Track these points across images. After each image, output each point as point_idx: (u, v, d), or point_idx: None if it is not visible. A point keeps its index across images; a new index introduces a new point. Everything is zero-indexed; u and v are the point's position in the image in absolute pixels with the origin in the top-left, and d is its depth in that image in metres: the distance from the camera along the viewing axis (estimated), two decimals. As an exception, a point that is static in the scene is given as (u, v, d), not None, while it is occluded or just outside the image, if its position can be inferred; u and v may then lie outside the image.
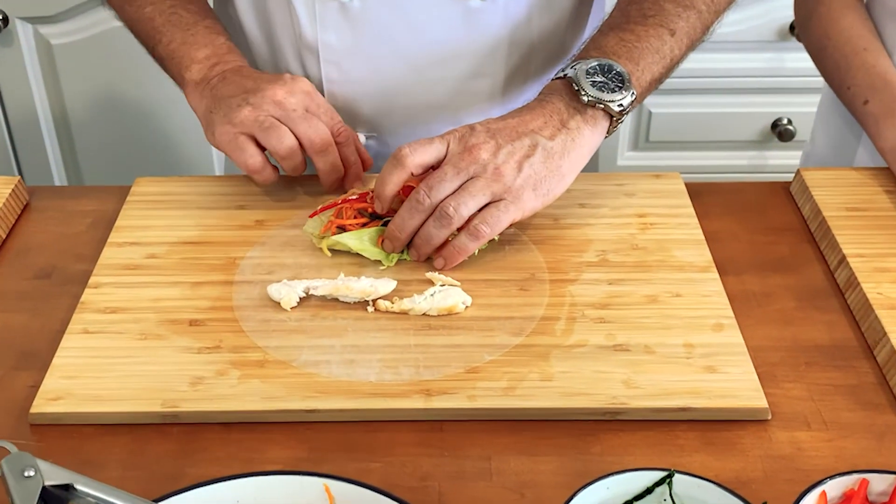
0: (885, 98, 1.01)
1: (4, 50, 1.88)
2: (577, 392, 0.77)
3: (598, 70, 0.89)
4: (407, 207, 0.86)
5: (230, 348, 0.81)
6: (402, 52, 1.04)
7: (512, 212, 0.85)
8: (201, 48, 0.97)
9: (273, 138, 0.88)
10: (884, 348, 0.81)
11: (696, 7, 0.96)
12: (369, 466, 0.73)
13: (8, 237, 0.97)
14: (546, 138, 0.87)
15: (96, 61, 1.89)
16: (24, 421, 0.77)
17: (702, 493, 0.63)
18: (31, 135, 1.98)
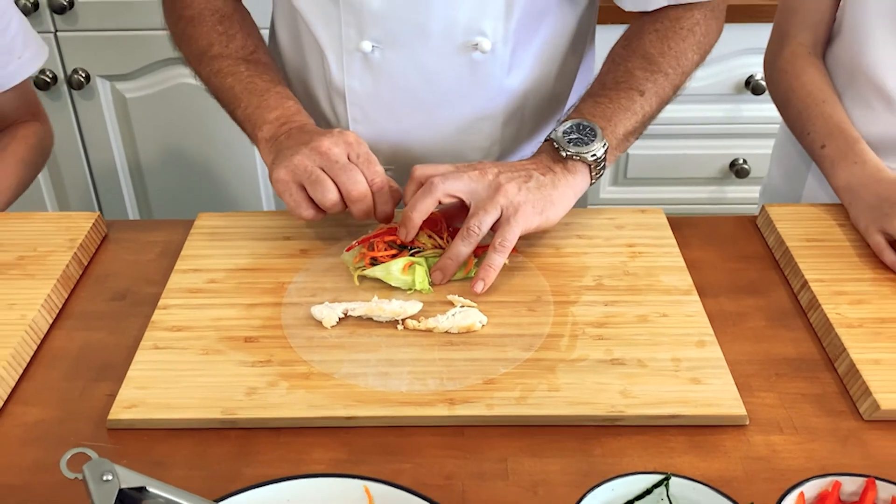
0: (839, 143, 0.98)
1: (86, 103, 1.85)
2: (580, 401, 0.73)
3: (574, 129, 0.89)
4: (461, 242, 0.85)
5: (280, 362, 0.77)
6: (415, 96, 1.02)
7: (519, 224, 0.84)
8: (273, 111, 0.94)
9: (318, 192, 0.84)
10: (843, 362, 0.78)
11: (664, 71, 0.95)
12: (401, 467, 0.70)
13: (89, 264, 0.94)
14: (539, 174, 0.86)
15: (164, 113, 1.86)
16: (103, 426, 0.74)
17: (695, 494, 0.59)
18: (108, 176, 1.95)
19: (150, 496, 0.58)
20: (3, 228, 0.96)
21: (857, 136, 0.98)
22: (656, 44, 0.95)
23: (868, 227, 0.90)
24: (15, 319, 0.82)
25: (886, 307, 0.83)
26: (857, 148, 0.96)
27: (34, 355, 0.81)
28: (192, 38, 1.02)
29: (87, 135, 1.89)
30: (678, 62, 0.95)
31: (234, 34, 1.01)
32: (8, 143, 1.18)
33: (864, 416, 0.74)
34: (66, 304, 0.88)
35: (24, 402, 0.77)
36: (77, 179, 1.95)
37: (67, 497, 0.67)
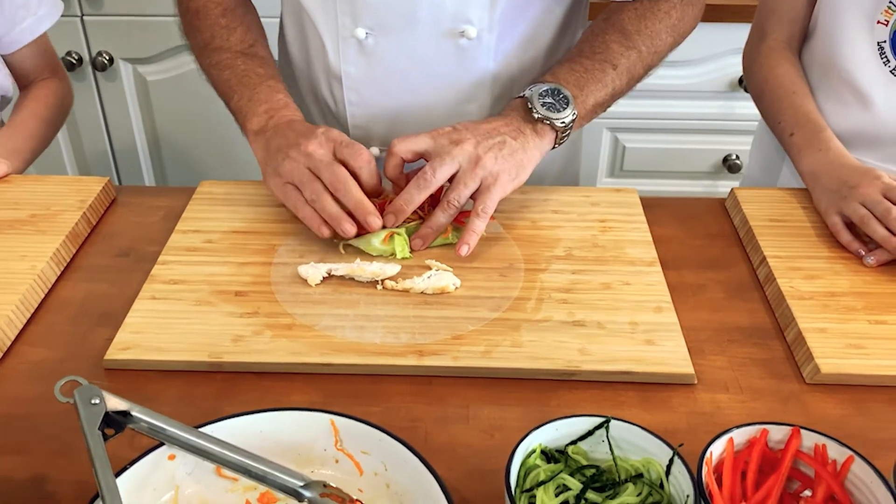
0: (806, 132, 1.00)
1: (109, 84, 1.91)
2: (540, 356, 0.77)
3: (549, 93, 0.91)
4: (414, 185, 0.87)
5: (266, 314, 0.82)
6: (406, 80, 1.05)
7: (497, 191, 0.87)
8: (262, 103, 0.96)
9: (308, 192, 0.87)
10: (792, 330, 0.81)
11: (638, 48, 0.97)
12: (371, 410, 0.73)
13: (97, 224, 0.99)
14: (511, 137, 0.89)
15: (182, 95, 1.91)
16: (100, 366, 0.78)
17: (632, 436, 0.63)
18: (128, 152, 2.00)
19: (133, 420, 0.62)
20: (20, 189, 1.01)
21: (823, 125, 1.01)
22: (634, 21, 0.98)
23: (827, 209, 0.93)
24: (25, 269, 0.86)
25: (837, 282, 0.86)
26: (823, 136, 0.99)
27: (41, 303, 0.86)
28: (196, 30, 1.06)
29: (110, 114, 1.94)
30: (652, 42, 0.97)
31: (235, 28, 1.05)
32: (28, 103, 1.21)
33: (807, 380, 0.77)
34: (73, 259, 0.93)
35: (30, 343, 0.81)
36: (99, 155, 2.00)
37: (63, 425, 0.72)
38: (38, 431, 0.72)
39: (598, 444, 0.64)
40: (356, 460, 0.65)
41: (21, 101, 1.23)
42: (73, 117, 1.94)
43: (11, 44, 1.19)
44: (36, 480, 0.68)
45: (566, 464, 0.63)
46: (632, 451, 0.63)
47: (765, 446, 0.63)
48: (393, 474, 0.63)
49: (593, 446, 0.64)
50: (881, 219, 0.88)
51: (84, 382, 0.63)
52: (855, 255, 0.90)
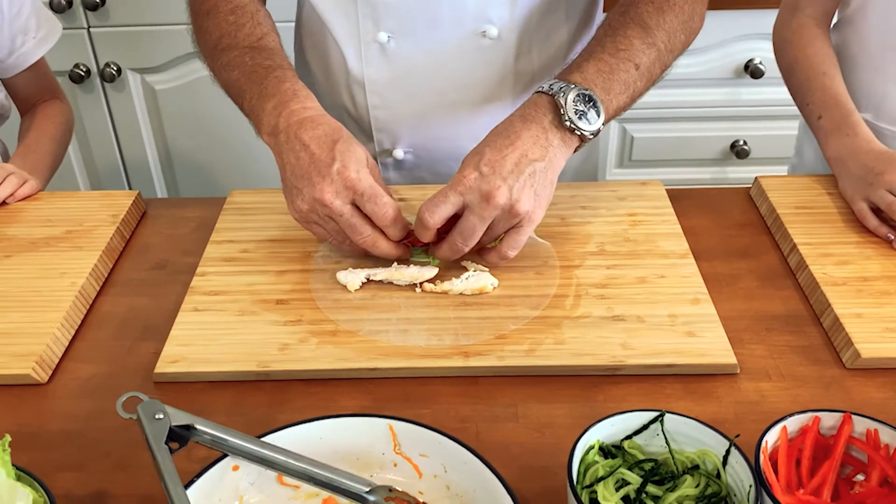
0: (834, 116, 1.00)
1: (118, 95, 1.91)
2: (584, 353, 0.78)
3: (581, 99, 0.84)
4: (450, 251, 0.84)
5: (309, 321, 0.82)
6: (429, 82, 1.05)
7: (529, 230, 0.84)
8: (270, 99, 0.88)
9: (334, 240, 0.87)
10: (828, 316, 0.82)
11: (657, 46, 0.93)
12: (420, 412, 0.74)
13: (130, 238, 0.99)
14: (538, 161, 0.82)
15: (192, 103, 1.91)
16: (149, 380, 0.79)
17: (687, 428, 0.64)
18: (139, 163, 2.00)
19: (197, 434, 0.63)
20: (52, 206, 1.01)
21: (851, 108, 1.00)
22: (654, 15, 0.94)
23: (853, 196, 0.94)
24: (66, 287, 0.87)
25: (869, 267, 0.87)
26: (851, 120, 0.99)
27: (84, 318, 0.87)
28: (206, 31, 1.01)
29: (119, 125, 1.94)
30: (669, 39, 0.95)
31: (243, 24, 0.98)
32: (39, 123, 1.22)
33: (846, 365, 0.78)
34: (111, 274, 0.93)
35: (78, 360, 0.82)
36: (110, 167, 2.00)
37: (118, 440, 0.73)
38: (94, 447, 0.73)
39: (653, 438, 0.65)
40: (415, 463, 0.66)
41: (29, 122, 1.23)
42: (83, 129, 1.94)
43: (11, 68, 1.19)
44: (97, 497, 0.68)
45: (623, 458, 0.64)
46: (686, 444, 0.64)
47: (817, 433, 0.64)
48: (453, 476, 0.64)
49: (648, 440, 0.65)
50: None
51: (145, 398, 0.63)
52: (884, 240, 0.90)
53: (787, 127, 1.93)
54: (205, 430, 0.62)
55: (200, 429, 0.62)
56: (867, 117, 1.07)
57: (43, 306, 0.84)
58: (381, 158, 1.14)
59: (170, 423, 0.62)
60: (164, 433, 0.61)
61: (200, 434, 0.62)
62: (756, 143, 1.96)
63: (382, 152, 1.13)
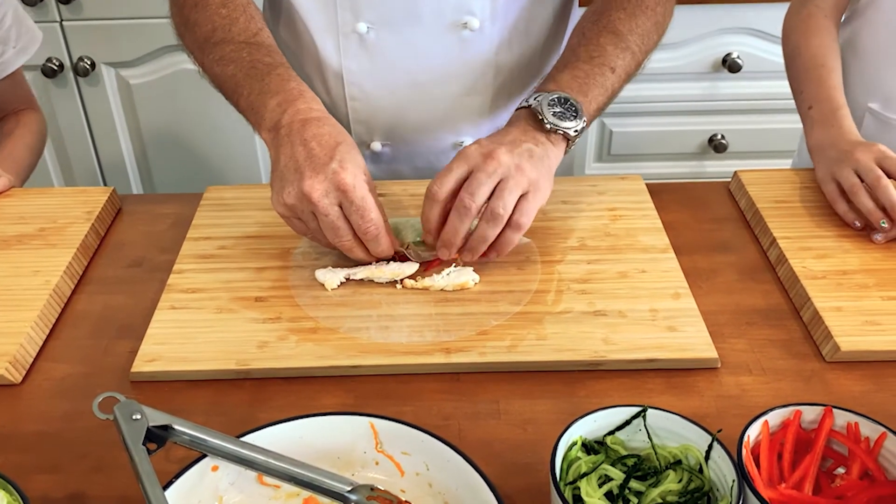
0: (824, 108, 1.01)
1: (92, 89, 1.88)
2: (566, 348, 0.78)
3: (557, 102, 0.86)
4: (456, 216, 0.81)
5: (288, 319, 0.81)
6: (409, 74, 1.04)
7: (539, 199, 0.82)
8: (274, 96, 0.86)
9: (312, 237, 0.85)
10: (808, 310, 0.82)
11: (631, 49, 0.95)
12: (402, 409, 0.74)
13: (106, 235, 0.98)
14: (533, 145, 0.84)
15: (167, 98, 1.89)
16: (126, 379, 0.78)
17: (669, 424, 0.64)
18: (114, 159, 1.98)
19: (175, 434, 0.62)
20: (25, 202, 1.00)
21: (841, 103, 1.01)
22: (625, 21, 0.96)
23: (824, 178, 0.95)
24: (40, 285, 0.86)
25: (848, 260, 0.87)
26: (839, 114, 1.00)
27: (59, 317, 0.85)
28: (195, 24, 0.98)
29: (93, 120, 1.92)
30: (643, 41, 0.97)
31: (236, 17, 0.97)
32: (14, 129, 1.21)
33: (826, 358, 0.78)
34: (86, 271, 0.92)
35: (52, 359, 0.81)
36: (84, 163, 1.98)
37: (95, 441, 0.72)
38: (70, 449, 0.71)
39: (636, 434, 0.65)
40: (397, 461, 0.65)
41: (3, 130, 1.21)
42: (56, 124, 1.91)
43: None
44: (74, 498, 0.67)
45: (606, 454, 0.64)
46: (669, 439, 0.64)
47: (799, 427, 0.64)
48: (435, 474, 0.64)
49: (631, 436, 0.65)
50: (871, 187, 0.90)
51: (122, 398, 0.62)
52: (851, 226, 0.91)
53: (765, 121, 1.95)
54: (183, 431, 0.61)
55: (178, 429, 0.61)
56: (875, 107, 1.09)
57: (16, 305, 0.83)
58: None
59: (147, 424, 0.61)
60: (142, 434, 0.60)
61: (179, 434, 0.62)
62: (734, 137, 1.97)
63: (360, 144, 1.12)
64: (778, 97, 1.89)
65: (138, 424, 0.61)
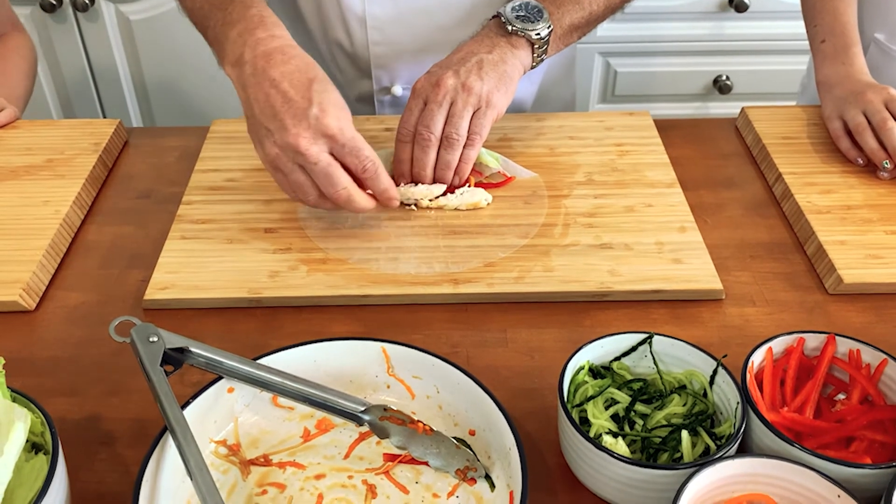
0: (837, 43, 1.00)
1: (91, 25, 1.86)
2: (572, 279, 0.79)
3: (522, 6, 0.88)
4: (419, 149, 0.84)
5: (298, 249, 0.82)
6: (433, 16, 1.04)
7: (491, 114, 0.84)
8: (234, 26, 0.81)
9: (299, 193, 0.79)
10: (812, 244, 0.83)
11: None
12: (412, 338, 0.75)
13: (113, 167, 0.98)
14: (486, 53, 0.85)
15: (167, 34, 1.86)
16: (138, 307, 0.79)
17: (675, 350, 0.65)
18: (115, 96, 1.96)
19: (191, 356, 0.63)
20: (31, 134, 1.00)
21: (855, 39, 1.00)
22: None
23: (831, 114, 0.95)
24: (50, 214, 0.86)
25: (853, 195, 0.88)
26: (851, 51, 0.99)
27: (70, 247, 0.86)
28: None
29: (93, 56, 1.90)
30: None
31: None
32: (9, 56, 1.18)
33: (829, 290, 0.79)
34: (94, 203, 0.92)
35: (65, 288, 0.82)
36: (84, 100, 1.96)
37: (110, 365, 0.73)
38: (85, 373, 0.73)
39: (641, 360, 0.66)
40: (408, 384, 0.67)
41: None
42: (56, 60, 1.89)
43: None
44: (91, 420, 0.69)
45: (612, 379, 0.65)
46: (674, 365, 0.65)
47: (801, 354, 0.65)
48: (445, 396, 0.65)
49: (636, 362, 0.66)
50: (876, 128, 0.90)
51: (138, 322, 0.64)
52: (853, 162, 0.92)
53: (771, 62, 1.93)
54: (199, 353, 0.63)
55: (195, 351, 0.63)
56: (881, 37, 1.08)
57: (27, 234, 0.84)
58: (378, 96, 1.12)
59: (164, 346, 0.62)
60: (159, 356, 0.62)
61: (195, 357, 0.63)
62: (739, 79, 1.96)
63: (381, 90, 1.12)
64: (784, 38, 1.87)
65: (155, 346, 0.62)
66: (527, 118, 1.02)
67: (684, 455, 0.59)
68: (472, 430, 0.64)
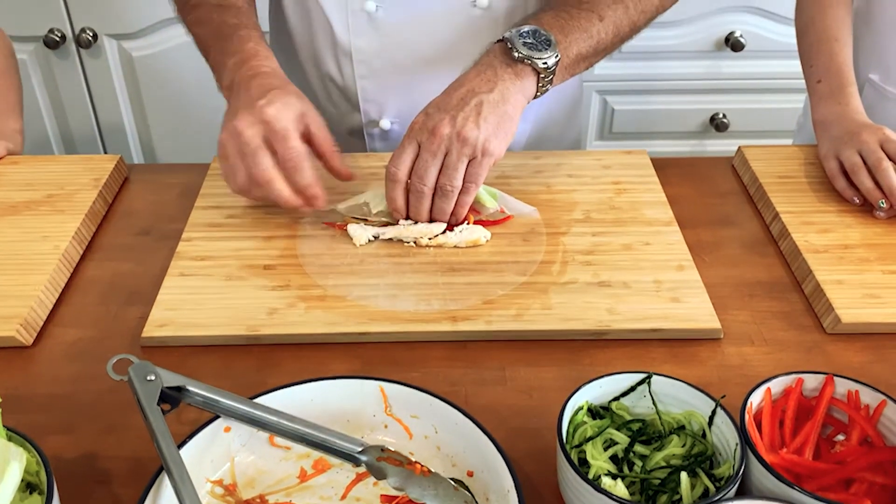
0: (833, 83, 1.01)
1: (94, 61, 1.87)
2: (571, 318, 0.79)
3: (530, 34, 0.87)
4: (414, 198, 0.86)
5: (297, 286, 0.82)
6: (417, 52, 1.05)
7: (487, 162, 0.84)
8: (232, 55, 0.90)
9: (231, 176, 0.85)
10: (810, 283, 0.83)
11: (625, 3, 0.94)
12: (410, 376, 0.75)
13: (113, 203, 0.99)
14: (486, 93, 0.84)
15: (170, 71, 1.88)
16: (136, 344, 0.79)
17: (673, 390, 0.65)
18: (116, 132, 1.97)
19: (188, 395, 0.63)
20: (32, 169, 1.00)
21: (851, 80, 1.01)
22: None
23: (827, 154, 0.96)
24: (49, 250, 0.86)
25: (850, 235, 0.89)
26: (847, 91, 1.00)
27: (68, 283, 0.86)
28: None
29: (95, 92, 1.91)
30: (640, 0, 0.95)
31: None
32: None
33: (827, 330, 0.79)
34: (94, 239, 0.93)
35: (63, 324, 0.81)
36: (86, 137, 1.97)
37: (106, 403, 0.73)
38: (82, 411, 0.72)
39: (640, 400, 0.66)
40: (405, 424, 0.66)
41: None
42: (58, 96, 1.91)
43: None
44: (87, 458, 0.68)
45: (611, 419, 0.65)
46: (673, 405, 0.65)
47: (800, 395, 0.65)
48: (443, 436, 0.65)
49: (635, 402, 0.66)
50: (872, 168, 0.91)
51: (136, 360, 0.63)
52: (850, 202, 0.92)
53: (767, 100, 1.95)
54: (196, 392, 0.63)
55: (192, 390, 0.63)
56: (875, 78, 1.09)
57: (26, 269, 0.84)
58: (367, 129, 1.13)
59: (162, 385, 0.62)
60: (157, 394, 0.61)
61: (192, 395, 0.63)
62: (735, 117, 1.98)
63: (369, 122, 1.13)
64: (780, 77, 1.89)
65: (153, 385, 0.62)
66: (524, 156, 1.03)
67: (683, 497, 0.59)
68: (471, 471, 0.63)
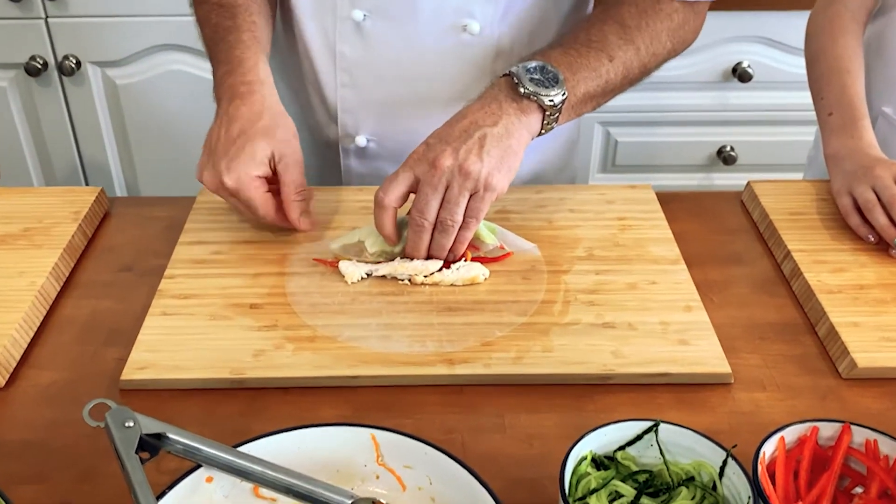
0: (845, 115, 1.01)
1: (77, 89, 1.88)
2: (573, 361, 0.78)
3: (538, 70, 0.87)
4: (413, 233, 0.86)
5: (285, 326, 0.82)
6: (402, 68, 1.05)
7: (489, 197, 0.84)
8: (221, 65, 0.95)
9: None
10: (824, 325, 0.83)
11: (636, 44, 0.95)
12: (403, 422, 0.74)
13: (94, 237, 0.98)
14: (490, 126, 0.84)
15: (154, 99, 1.89)
16: (114, 388, 0.78)
17: (682, 439, 0.64)
18: (98, 162, 1.98)
19: (169, 443, 0.62)
20: (8, 201, 1.00)
21: (864, 113, 1.02)
22: (634, 17, 0.95)
23: (840, 189, 0.96)
24: (24, 286, 0.86)
25: (864, 275, 0.88)
26: (859, 125, 1.01)
27: (44, 321, 0.85)
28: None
29: (77, 121, 1.92)
30: (651, 41, 0.96)
31: None
32: None
33: (843, 375, 0.79)
34: (72, 274, 0.92)
35: (38, 366, 0.81)
36: (67, 167, 1.98)
37: (82, 450, 0.72)
38: (56, 458, 0.71)
39: (647, 449, 0.65)
40: (398, 475, 0.65)
41: None
42: (39, 125, 1.91)
43: None
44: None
45: (617, 470, 0.64)
46: (681, 455, 0.64)
47: (815, 444, 0.64)
48: (438, 488, 0.64)
49: (642, 451, 0.65)
50: (886, 204, 0.91)
51: (114, 405, 0.63)
52: (864, 239, 0.92)
53: (777, 133, 1.97)
54: (177, 440, 0.62)
55: (173, 437, 0.62)
56: (888, 111, 1.10)
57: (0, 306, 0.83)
58: (343, 143, 1.13)
59: (140, 432, 0.61)
60: (135, 442, 0.60)
61: (172, 443, 0.62)
62: (744, 150, 1.99)
63: (345, 136, 1.12)
64: (789, 108, 1.91)
65: (131, 432, 0.61)
66: (526, 190, 1.03)
67: (694, 554, 0.58)
68: (467, 524, 0.62)
